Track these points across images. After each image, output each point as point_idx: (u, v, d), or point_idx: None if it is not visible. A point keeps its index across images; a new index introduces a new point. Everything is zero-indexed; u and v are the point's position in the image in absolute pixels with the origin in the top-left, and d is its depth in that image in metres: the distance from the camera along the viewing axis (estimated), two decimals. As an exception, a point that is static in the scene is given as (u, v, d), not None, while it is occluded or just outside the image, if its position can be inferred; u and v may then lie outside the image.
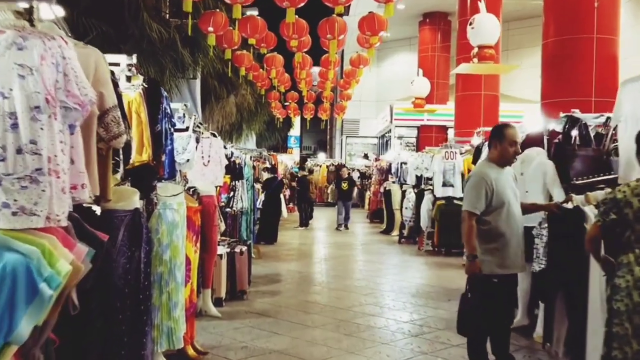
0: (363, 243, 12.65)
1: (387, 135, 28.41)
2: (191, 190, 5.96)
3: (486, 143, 7.23)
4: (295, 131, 45.34)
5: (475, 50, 12.08)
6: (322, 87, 18.13)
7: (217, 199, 8.18)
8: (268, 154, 19.39)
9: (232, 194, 8.29)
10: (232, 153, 8.88)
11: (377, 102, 30.89)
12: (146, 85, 4.21)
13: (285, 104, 23.90)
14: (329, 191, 26.55)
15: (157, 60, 11.93)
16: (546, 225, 4.92)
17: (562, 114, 5.70)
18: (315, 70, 18.32)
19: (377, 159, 26.80)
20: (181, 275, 4.17)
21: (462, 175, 10.68)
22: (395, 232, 14.24)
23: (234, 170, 8.41)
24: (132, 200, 3.11)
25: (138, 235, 3.05)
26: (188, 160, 5.92)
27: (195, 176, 7.31)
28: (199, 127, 6.33)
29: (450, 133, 25.38)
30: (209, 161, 7.53)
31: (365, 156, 28.64)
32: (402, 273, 8.80)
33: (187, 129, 5.93)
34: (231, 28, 11.40)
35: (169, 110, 4.66)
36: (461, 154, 10.82)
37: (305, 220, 15.63)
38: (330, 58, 11.80)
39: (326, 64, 13.85)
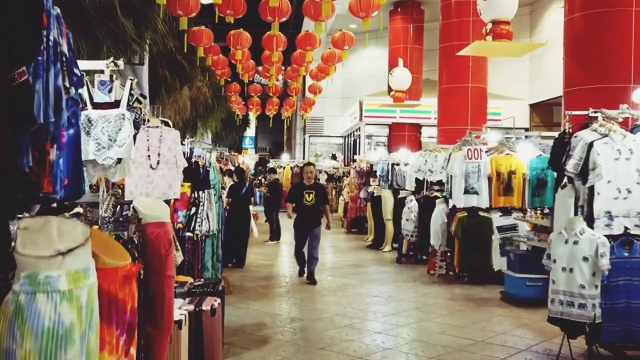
0: (354, 264, 10.14)
1: (355, 133, 26.20)
2: (125, 211, 3.36)
3: (584, 132, 4.85)
4: (250, 131, 42.93)
5: (489, 26, 9.83)
6: (294, 77, 15.55)
7: (172, 218, 5.56)
8: (230, 154, 16.78)
9: (193, 210, 5.64)
10: (191, 151, 6.26)
11: (342, 99, 28.72)
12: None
13: (242, 103, 21.33)
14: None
15: (90, 33, 9.18)
16: None
17: None
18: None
19: (347, 161, 24.51)
20: None
21: (489, 179, 8.34)
22: (387, 247, 11.84)
23: (196, 175, 5.78)
24: None
25: None
26: (120, 162, 3.32)
27: (138, 185, 4.70)
28: (140, 103, 3.68)
29: (425, 131, 23.47)
30: (158, 162, 4.92)
31: (333, 157, 26.21)
32: (432, 317, 6.34)
33: (117, 104, 3.30)
34: (187, -11, 8.81)
35: (64, 48, 2.06)
36: (487, 152, 8.45)
37: (277, 233, 13.02)
38: (315, 32, 9.25)
39: (303, 43, 11.26)
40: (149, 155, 4.84)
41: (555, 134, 11.60)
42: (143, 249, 3.24)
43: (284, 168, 25.10)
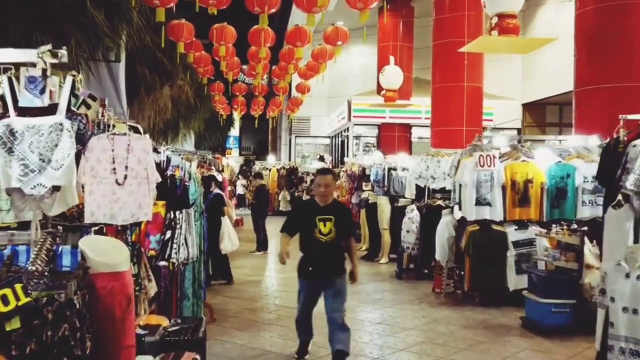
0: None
1: (343, 134, 25.37)
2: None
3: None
4: (234, 131, 41.98)
5: (495, 20, 9.03)
6: (281, 75, 14.64)
7: (143, 243, 4.63)
8: (213, 157, 15.78)
9: (168, 234, 4.70)
10: (168, 160, 5.30)
11: (329, 98, 27.90)
12: None
13: (226, 102, 20.39)
14: (280, 198, 23.14)
15: (56, 27, 8.20)
16: None
17: None
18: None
19: (335, 163, 23.55)
20: None
21: (503, 189, 7.48)
22: (384, 259, 11.00)
23: (172, 191, 4.85)
24: None
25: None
26: (58, 190, 2.39)
27: (101, 205, 3.74)
28: (89, 108, 2.73)
29: (415, 131, 22.70)
30: (126, 177, 3.95)
31: (321, 158, 25.29)
32: (450, 354, 5.47)
33: (52, 110, 2.37)
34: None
35: None
36: (500, 157, 7.59)
37: (264, 243, 12.10)
38: (307, 25, 8.35)
39: (293, 38, 10.38)
40: (114, 169, 3.89)
41: (550, 137, 10.81)
42: (91, 310, 2.33)
43: (269, 170, 24.11)
